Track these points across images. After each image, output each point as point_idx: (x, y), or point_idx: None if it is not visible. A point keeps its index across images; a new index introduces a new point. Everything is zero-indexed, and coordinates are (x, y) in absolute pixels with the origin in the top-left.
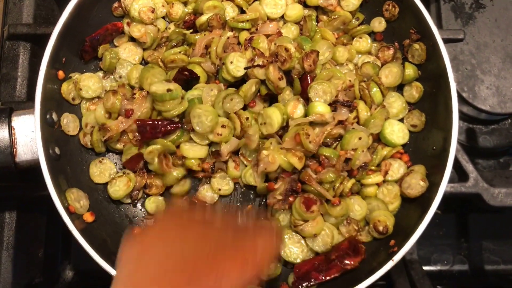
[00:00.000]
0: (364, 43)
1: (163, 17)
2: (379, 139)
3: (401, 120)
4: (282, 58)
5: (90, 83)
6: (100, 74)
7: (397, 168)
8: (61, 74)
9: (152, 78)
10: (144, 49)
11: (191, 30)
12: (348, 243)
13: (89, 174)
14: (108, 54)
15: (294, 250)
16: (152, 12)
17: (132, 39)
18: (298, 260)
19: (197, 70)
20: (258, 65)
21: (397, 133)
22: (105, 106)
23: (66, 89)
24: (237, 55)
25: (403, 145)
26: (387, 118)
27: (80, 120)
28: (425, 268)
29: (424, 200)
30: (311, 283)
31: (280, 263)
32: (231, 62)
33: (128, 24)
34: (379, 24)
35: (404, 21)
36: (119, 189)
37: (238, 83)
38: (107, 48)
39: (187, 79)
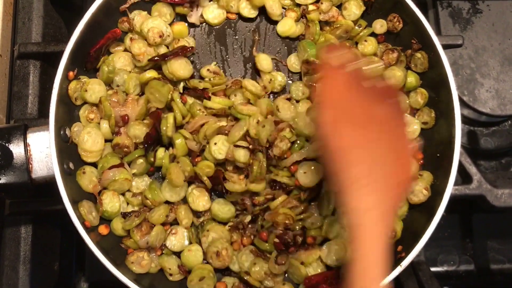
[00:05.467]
0: (369, 46)
1: (167, 46)
2: None
3: None
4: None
5: (96, 88)
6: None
7: None
8: (71, 75)
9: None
10: (135, 66)
11: None
12: None
13: None
14: (105, 67)
15: None
16: (160, 37)
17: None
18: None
19: (181, 141)
20: (248, 147)
21: None
22: (100, 114)
23: (74, 87)
24: (223, 138)
25: None
26: None
27: None
28: (432, 269)
29: (430, 205)
30: None
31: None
32: (215, 143)
33: (131, 39)
34: (380, 27)
35: (405, 32)
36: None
37: None
38: (105, 59)
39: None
